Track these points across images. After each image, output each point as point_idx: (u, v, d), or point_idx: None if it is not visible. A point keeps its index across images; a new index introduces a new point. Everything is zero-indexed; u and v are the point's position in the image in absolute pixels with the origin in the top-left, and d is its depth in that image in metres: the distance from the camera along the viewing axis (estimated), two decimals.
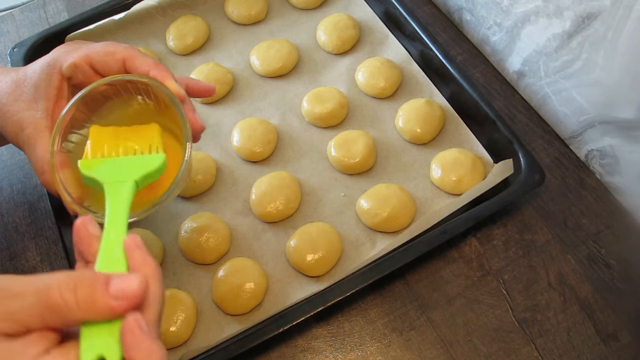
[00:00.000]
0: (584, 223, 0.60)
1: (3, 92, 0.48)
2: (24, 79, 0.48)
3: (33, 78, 0.47)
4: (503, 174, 0.59)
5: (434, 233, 0.56)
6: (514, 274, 0.57)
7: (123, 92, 0.47)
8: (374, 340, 0.55)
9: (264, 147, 0.63)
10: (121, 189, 0.41)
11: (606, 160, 0.61)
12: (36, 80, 0.47)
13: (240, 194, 0.62)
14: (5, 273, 0.59)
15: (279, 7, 0.76)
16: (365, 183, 0.62)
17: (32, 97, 0.47)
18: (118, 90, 0.47)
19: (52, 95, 0.47)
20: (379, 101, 0.67)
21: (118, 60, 0.46)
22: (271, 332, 0.51)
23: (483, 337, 0.54)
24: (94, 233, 0.36)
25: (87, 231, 0.36)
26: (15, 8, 0.81)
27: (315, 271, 0.56)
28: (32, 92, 0.47)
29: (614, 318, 0.55)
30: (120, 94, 0.47)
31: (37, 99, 0.47)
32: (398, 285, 0.57)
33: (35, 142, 0.46)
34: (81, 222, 0.36)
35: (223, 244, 0.58)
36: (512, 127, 0.61)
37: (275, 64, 0.69)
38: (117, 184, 0.41)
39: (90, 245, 0.36)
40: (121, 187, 0.41)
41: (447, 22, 0.76)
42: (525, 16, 0.63)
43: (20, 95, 0.47)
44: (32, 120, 0.46)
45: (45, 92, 0.47)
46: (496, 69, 0.71)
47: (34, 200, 0.65)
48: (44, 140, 0.46)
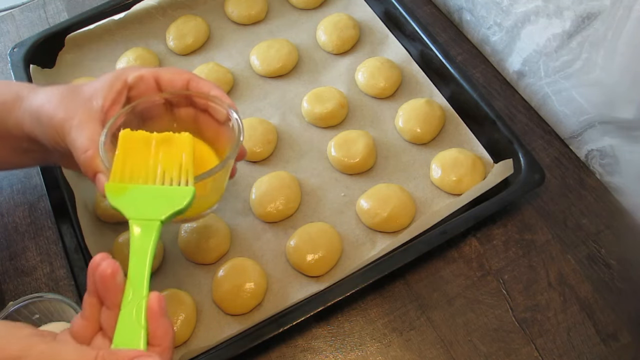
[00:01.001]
0: (584, 223, 0.60)
1: (55, 95, 0.47)
2: (83, 85, 0.48)
3: (94, 84, 0.48)
4: (503, 174, 0.59)
5: (434, 233, 0.56)
6: (514, 274, 0.57)
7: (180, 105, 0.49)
8: (374, 340, 0.55)
9: (264, 147, 0.63)
10: (146, 232, 0.40)
11: (606, 160, 0.61)
12: (97, 85, 0.47)
13: (240, 194, 0.62)
14: (5, 273, 0.60)
15: (279, 7, 0.76)
16: (365, 183, 0.62)
17: (89, 96, 0.46)
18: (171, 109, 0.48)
19: (110, 97, 0.47)
20: (379, 101, 0.67)
21: (183, 80, 0.48)
22: (271, 332, 0.51)
23: (483, 337, 0.54)
24: (121, 285, 0.36)
25: (115, 282, 0.36)
26: (15, 8, 0.81)
27: (315, 271, 0.56)
28: (90, 93, 0.47)
29: (614, 318, 0.55)
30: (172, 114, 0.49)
31: (94, 98, 0.46)
32: (398, 285, 0.57)
33: (86, 125, 0.45)
34: (111, 273, 0.36)
35: (223, 244, 0.58)
36: (512, 127, 0.61)
37: (275, 64, 0.69)
38: (143, 223, 0.40)
39: (116, 296, 0.36)
40: (146, 229, 0.40)
41: (447, 22, 0.76)
42: (525, 16, 0.63)
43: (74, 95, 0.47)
44: (85, 111, 0.45)
45: (104, 93, 0.46)
46: (496, 69, 0.71)
47: (34, 200, 0.65)
48: (95, 125, 0.45)
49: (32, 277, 0.60)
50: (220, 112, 0.48)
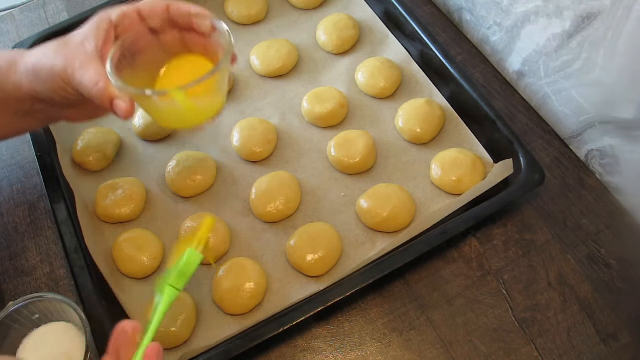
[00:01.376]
0: (584, 223, 0.60)
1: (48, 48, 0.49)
2: (71, 35, 0.50)
3: (81, 30, 0.49)
4: (503, 174, 0.59)
5: (434, 233, 0.56)
6: (514, 274, 0.57)
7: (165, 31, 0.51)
8: (374, 340, 0.55)
9: (264, 147, 0.63)
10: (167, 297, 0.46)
11: (606, 160, 0.61)
12: (85, 30, 0.49)
13: (240, 194, 0.62)
14: (5, 273, 0.60)
15: (279, 7, 0.76)
16: (365, 183, 0.62)
17: (80, 41, 0.48)
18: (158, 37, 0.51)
19: (101, 37, 0.48)
20: (379, 101, 0.67)
21: (163, 7, 0.50)
22: (271, 332, 0.51)
23: (483, 337, 0.54)
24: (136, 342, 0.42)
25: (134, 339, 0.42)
26: (15, 8, 0.81)
27: (315, 271, 0.56)
28: (81, 38, 0.48)
29: (614, 318, 0.55)
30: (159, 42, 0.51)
31: (86, 41, 0.48)
32: (398, 285, 0.57)
33: (88, 65, 0.47)
34: (132, 330, 0.42)
35: (223, 244, 0.58)
36: (512, 127, 0.61)
37: (275, 64, 0.69)
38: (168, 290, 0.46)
39: (131, 351, 0.41)
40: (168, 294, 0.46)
41: (447, 22, 0.76)
42: (525, 16, 0.63)
43: (67, 45, 0.49)
44: (82, 54, 0.47)
45: (94, 35, 0.48)
46: (496, 69, 0.71)
47: (34, 200, 0.65)
48: (96, 64, 0.47)
49: (32, 277, 0.60)
50: (205, 25, 0.50)
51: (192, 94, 0.46)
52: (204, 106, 0.49)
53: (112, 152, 0.64)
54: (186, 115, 0.49)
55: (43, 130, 0.64)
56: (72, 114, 0.54)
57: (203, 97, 0.48)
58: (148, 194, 0.62)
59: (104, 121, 0.68)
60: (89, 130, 0.65)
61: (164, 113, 0.49)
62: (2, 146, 0.69)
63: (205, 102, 0.49)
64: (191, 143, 0.66)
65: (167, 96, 0.46)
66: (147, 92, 0.45)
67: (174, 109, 0.47)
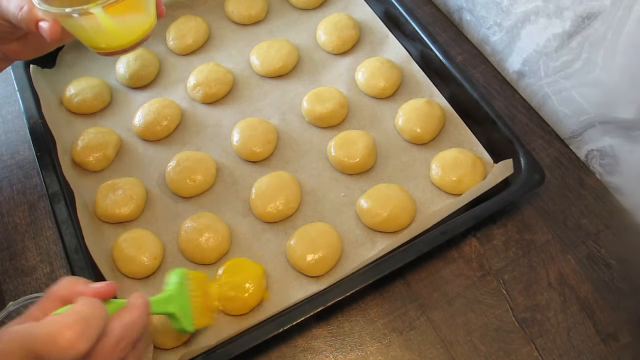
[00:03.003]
0: (584, 223, 0.60)
1: None
2: None
3: None
4: (503, 174, 0.59)
5: (434, 233, 0.56)
6: (514, 274, 0.57)
7: None
8: (374, 340, 0.55)
9: (264, 147, 0.63)
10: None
11: (606, 160, 0.61)
12: None
13: (240, 194, 0.62)
14: (5, 273, 0.60)
15: (279, 7, 0.76)
16: (365, 183, 0.62)
17: None
18: None
19: None
20: (379, 101, 0.67)
21: None
22: (271, 332, 0.51)
23: (483, 337, 0.54)
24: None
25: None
26: None
27: (315, 271, 0.56)
28: None
29: (614, 318, 0.55)
30: None
31: None
32: (398, 285, 0.57)
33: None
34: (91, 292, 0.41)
35: (223, 244, 0.58)
36: (512, 127, 0.61)
37: (275, 64, 0.69)
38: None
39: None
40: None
41: (447, 22, 0.76)
42: (525, 16, 0.63)
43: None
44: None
45: None
46: (496, 69, 0.71)
47: (34, 200, 0.65)
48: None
49: (32, 277, 0.60)
50: None
51: (114, 11, 0.47)
52: (129, 25, 0.50)
53: (112, 152, 0.64)
54: (111, 35, 0.50)
55: (43, 130, 0.64)
56: (13, 49, 0.55)
57: (126, 14, 0.49)
58: (148, 194, 0.62)
59: (104, 121, 0.68)
60: (89, 130, 0.65)
61: (89, 33, 0.50)
62: (2, 146, 0.69)
63: (130, 21, 0.50)
64: (191, 143, 0.66)
65: (88, 14, 0.47)
66: (67, 10, 0.46)
67: (98, 29, 0.48)
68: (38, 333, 0.36)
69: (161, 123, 0.65)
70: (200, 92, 0.68)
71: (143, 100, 0.69)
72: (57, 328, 0.36)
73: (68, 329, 0.36)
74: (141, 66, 0.70)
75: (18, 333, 0.36)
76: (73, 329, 0.36)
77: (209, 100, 0.68)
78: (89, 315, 0.37)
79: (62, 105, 0.69)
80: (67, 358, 0.36)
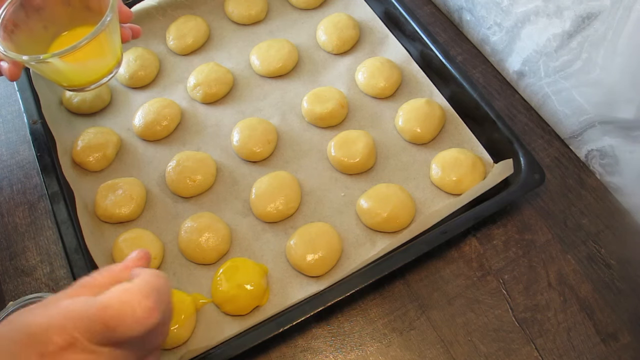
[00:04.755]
0: (584, 223, 0.60)
1: None
2: None
3: None
4: (503, 174, 0.59)
5: (434, 233, 0.56)
6: (514, 274, 0.57)
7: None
8: (374, 340, 0.55)
9: (264, 147, 0.63)
10: None
11: (606, 160, 0.61)
12: None
13: (240, 194, 0.62)
14: (5, 273, 0.60)
15: (279, 7, 0.76)
16: (365, 183, 0.62)
17: None
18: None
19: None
20: (379, 101, 0.67)
21: None
22: (271, 332, 0.51)
23: (483, 337, 0.54)
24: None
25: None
26: None
27: (315, 271, 0.56)
28: None
29: (614, 318, 0.55)
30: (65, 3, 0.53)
31: None
32: (398, 285, 0.57)
33: None
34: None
35: (223, 244, 0.58)
36: (512, 127, 0.61)
37: (275, 64, 0.69)
38: None
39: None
40: None
41: (447, 22, 0.76)
42: (525, 16, 0.63)
43: None
44: None
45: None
46: (496, 69, 0.71)
47: (34, 200, 0.65)
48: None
49: (32, 277, 0.60)
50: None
51: (73, 59, 0.47)
52: (90, 67, 0.50)
53: (112, 152, 0.64)
54: (72, 77, 0.50)
55: (43, 130, 0.64)
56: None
57: (88, 58, 0.49)
58: (148, 194, 0.62)
59: (104, 121, 0.68)
60: (89, 130, 0.65)
61: (50, 75, 0.51)
62: (2, 146, 0.69)
63: (92, 64, 0.50)
64: (191, 143, 0.66)
65: (45, 62, 0.47)
66: (24, 58, 0.47)
67: (58, 72, 0.49)
68: (109, 304, 0.32)
69: (161, 123, 0.65)
70: (200, 92, 0.68)
71: (143, 100, 0.69)
72: (133, 297, 0.33)
73: (146, 298, 0.33)
74: (141, 66, 0.70)
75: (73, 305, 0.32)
76: (150, 299, 0.33)
77: (209, 100, 0.68)
78: (162, 286, 0.34)
79: (62, 105, 0.69)
80: (140, 330, 0.33)
